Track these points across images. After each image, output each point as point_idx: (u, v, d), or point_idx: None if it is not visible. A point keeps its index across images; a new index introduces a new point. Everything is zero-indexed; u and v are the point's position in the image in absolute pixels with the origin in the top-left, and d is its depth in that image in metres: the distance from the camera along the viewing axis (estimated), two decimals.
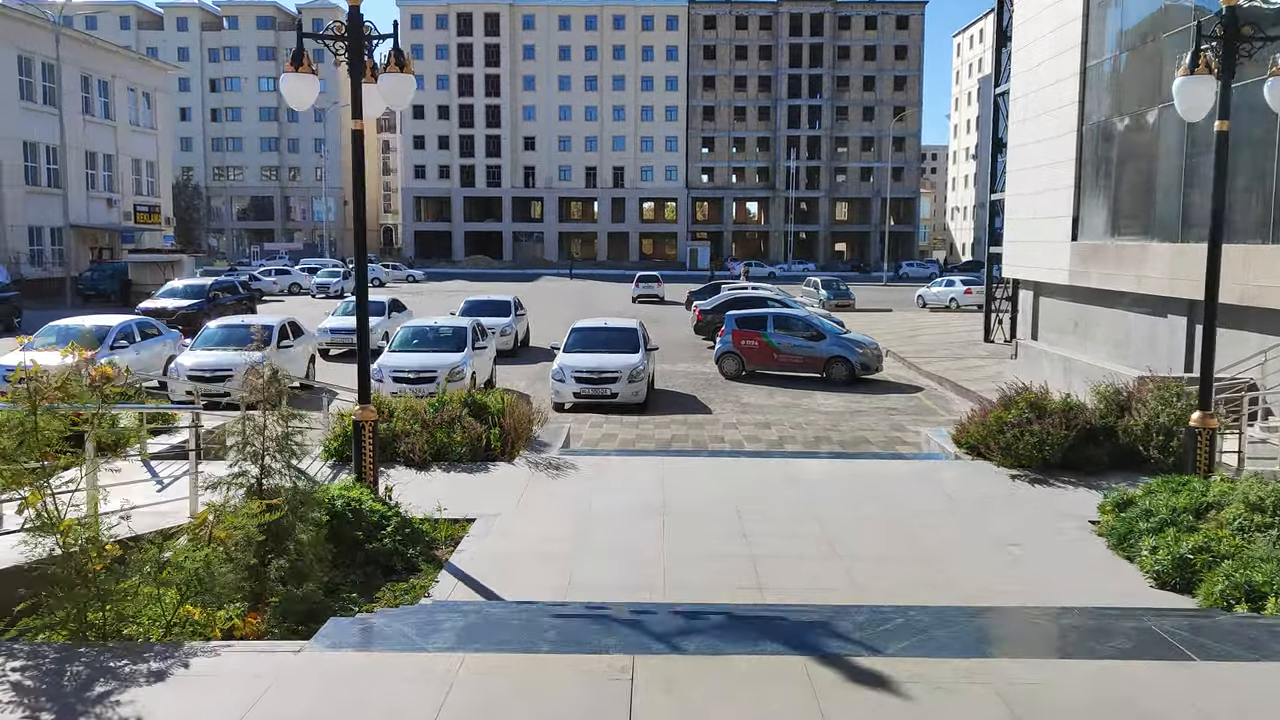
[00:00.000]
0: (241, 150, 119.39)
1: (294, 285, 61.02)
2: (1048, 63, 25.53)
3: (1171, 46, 19.51)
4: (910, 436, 15.87)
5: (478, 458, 10.99)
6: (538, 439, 12.10)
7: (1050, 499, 9.73)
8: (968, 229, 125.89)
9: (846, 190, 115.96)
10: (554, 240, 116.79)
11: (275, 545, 6.66)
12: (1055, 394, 13.18)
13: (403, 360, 19.19)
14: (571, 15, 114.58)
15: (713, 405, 20.31)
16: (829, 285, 50.05)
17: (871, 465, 11.16)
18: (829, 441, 15.46)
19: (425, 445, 10.87)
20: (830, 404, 20.73)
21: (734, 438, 15.71)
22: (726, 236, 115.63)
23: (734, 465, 11.04)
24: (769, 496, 9.70)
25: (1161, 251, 19.65)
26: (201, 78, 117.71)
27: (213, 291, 33.99)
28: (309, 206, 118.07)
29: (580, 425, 16.78)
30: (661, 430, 16.23)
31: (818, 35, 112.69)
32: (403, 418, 11.35)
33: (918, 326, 39.16)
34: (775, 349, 24.14)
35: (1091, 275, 22.81)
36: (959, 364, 26.95)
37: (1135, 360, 21.46)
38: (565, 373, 19.00)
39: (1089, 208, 23.54)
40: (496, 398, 12.18)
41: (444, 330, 20.65)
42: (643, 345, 20.17)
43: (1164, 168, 19.92)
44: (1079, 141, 23.79)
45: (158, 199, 59.66)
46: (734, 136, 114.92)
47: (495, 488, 10.02)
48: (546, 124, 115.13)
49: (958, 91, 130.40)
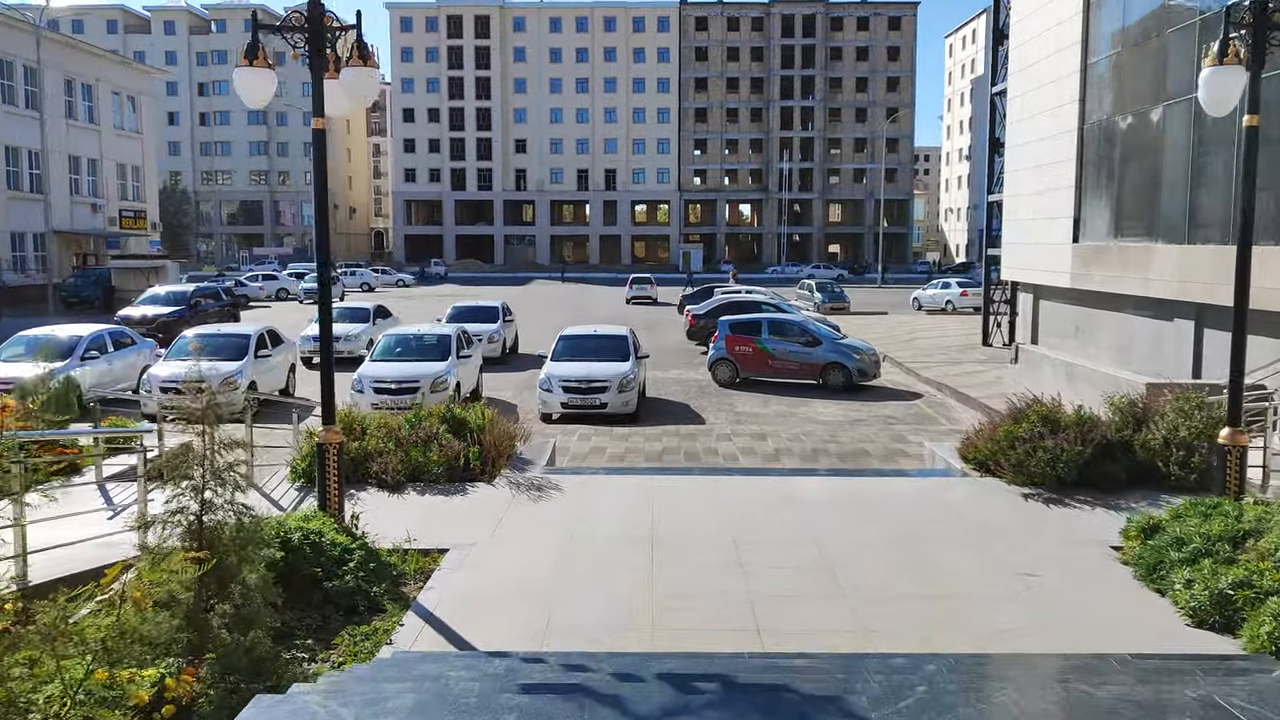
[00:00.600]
0: (230, 154, 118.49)
1: (281, 290, 60.25)
2: (1046, 60, 24.95)
3: (1176, 42, 18.92)
4: (912, 448, 15.22)
5: (456, 478, 10.31)
6: (520, 456, 11.41)
7: (1068, 521, 9.07)
8: (961, 230, 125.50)
9: (840, 192, 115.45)
10: (546, 243, 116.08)
11: (218, 589, 5.99)
12: (1065, 403, 12.52)
13: (384, 370, 18.50)
14: (562, 17, 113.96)
15: (706, 414, 19.65)
16: (824, 288, 49.46)
17: (874, 483, 10.48)
18: (827, 454, 14.82)
19: (399, 465, 10.18)
20: (828, 412, 20.08)
21: (728, 450, 15.06)
22: (720, 239, 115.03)
23: (728, 485, 10.37)
24: (765, 520, 9.03)
25: (1168, 253, 19.05)
26: (189, 81, 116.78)
27: (194, 298, 33.25)
28: (299, 211, 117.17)
29: (568, 437, 16.12)
30: (652, 442, 15.57)
31: (810, 36, 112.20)
32: (376, 435, 10.67)
33: (914, 330, 38.56)
34: (770, 355, 23.49)
35: (1094, 278, 22.22)
36: (958, 369, 26.33)
37: (1140, 365, 20.86)
38: (552, 382, 18.32)
39: (1091, 208, 22.95)
40: (477, 412, 11.49)
41: (428, 338, 19.95)
42: (633, 353, 19.51)
43: (1169, 167, 19.32)
44: (1080, 141, 23.20)
45: (143, 204, 58.82)
46: (726, 138, 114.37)
47: (472, 513, 9.32)
48: (538, 126, 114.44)
49: (950, 92, 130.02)
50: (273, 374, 20.17)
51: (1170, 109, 19.13)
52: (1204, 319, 18.48)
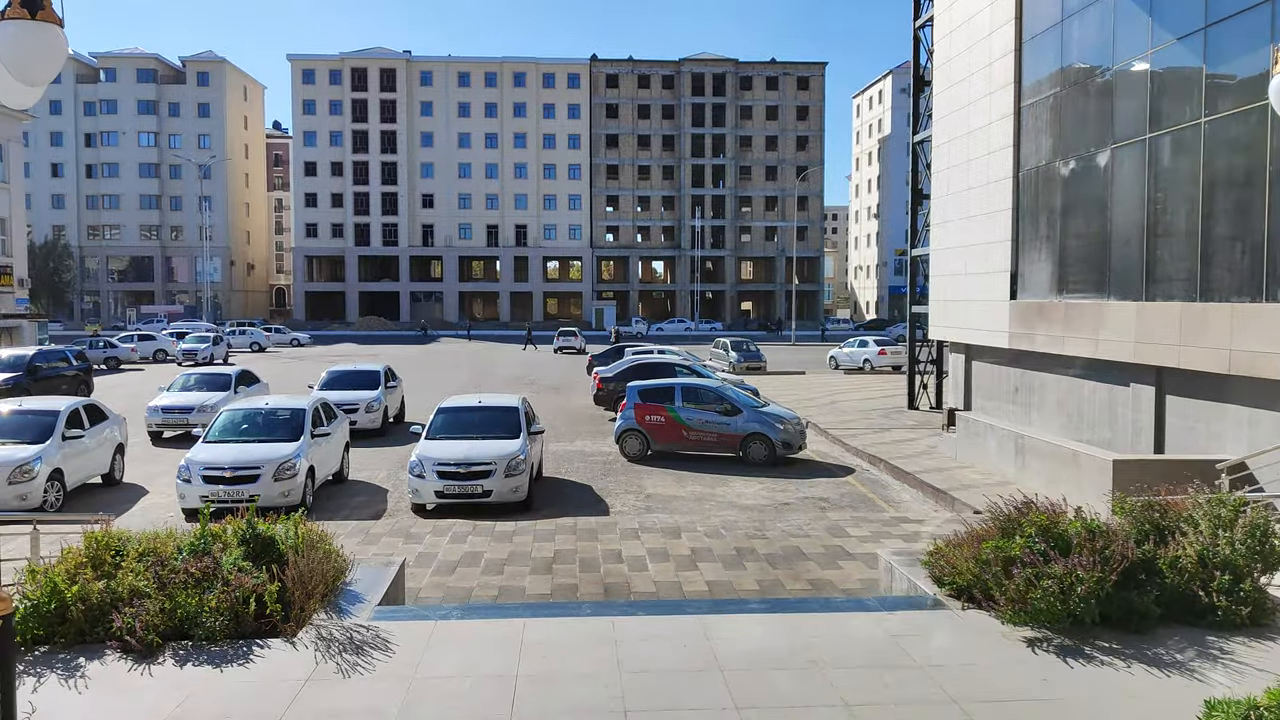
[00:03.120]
0: (119, 208, 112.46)
1: (159, 352, 55.57)
2: (975, 104, 23.23)
3: (1127, 80, 17.18)
4: (854, 545, 12.62)
5: (244, 631, 7.26)
6: (349, 588, 8.40)
7: (1103, 693, 6.39)
8: (871, 287, 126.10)
9: (751, 249, 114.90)
10: (454, 300, 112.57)
11: None
12: (1024, 490, 9.88)
13: (217, 454, 15.17)
14: (470, 71, 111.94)
15: (612, 499, 16.84)
16: (738, 346, 47.31)
17: (825, 624, 7.67)
18: (754, 557, 12.12)
19: (158, 616, 7.13)
20: (751, 493, 17.46)
21: (634, 554, 12.25)
22: (633, 295, 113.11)
23: (628, 632, 7.43)
24: (681, 702, 6.23)
25: (1122, 311, 17.09)
26: (76, 132, 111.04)
27: (34, 364, 29.21)
28: (192, 266, 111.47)
29: (438, 537, 13.12)
30: (543, 544, 12.67)
31: (720, 95, 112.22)
32: (133, 569, 7.58)
33: (834, 391, 36.46)
34: (684, 425, 20.85)
35: (1036, 338, 20.24)
36: (887, 437, 24.06)
37: (1091, 434, 18.82)
38: (425, 466, 15.26)
39: (1030, 262, 21.06)
40: (290, 529, 8.47)
41: (279, 413, 16.69)
42: (524, 428, 16.59)
43: (1121, 216, 17.43)
44: (1015, 188, 21.38)
45: (9, 258, 53.97)
46: (638, 195, 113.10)
47: (243, 704, 6.24)
48: (446, 181, 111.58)
49: (859, 151, 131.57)
50: (87, 458, 16.69)
51: (1121, 152, 17.30)
52: (1166, 384, 16.50)
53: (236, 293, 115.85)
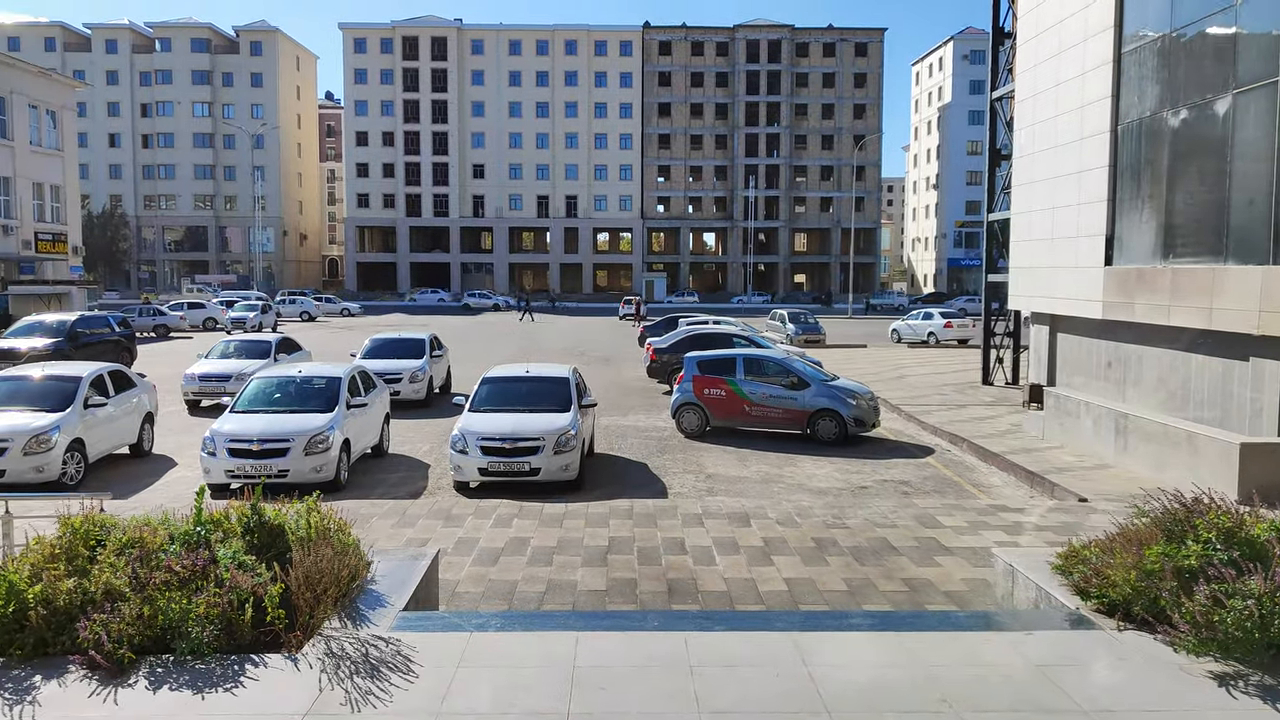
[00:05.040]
0: (174, 178, 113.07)
1: (209, 320, 55.23)
2: (1067, 53, 21.24)
3: (1252, 12, 15.22)
4: (950, 538, 11.09)
5: (237, 643, 5.97)
6: (369, 588, 7.12)
7: None
8: (930, 260, 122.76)
9: (806, 221, 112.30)
10: (504, 271, 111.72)
11: None
12: (1144, 476, 8.30)
13: (245, 425, 13.98)
14: (522, 40, 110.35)
15: (670, 480, 15.44)
16: (796, 319, 45.50)
17: (949, 651, 6.16)
18: (838, 550, 10.65)
19: (133, 624, 5.89)
20: (823, 475, 15.96)
21: (699, 543, 10.85)
22: (683, 268, 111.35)
23: (707, 656, 5.96)
24: None
25: (1243, 277, 15.19)
26: (132, 102, 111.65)
27: (75, 329, 28.53)
28: (246, 237, 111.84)
29: (481, 520, 11.83)
30: (596, 530, 11.32)
31: (775, 62, 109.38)
32: (111, 563, 6.34)
33: (900, 365, 34.65)
34: (747, 400, 19.35)
35: (1136, 307, 18.35)
36: (964, 414, 22.36)
37: (1198, 414, 16.97)
38: (468, 440, 13.97)
39: (1129, 224, 19.13)
40: (303, 515, 7.20)
41: (314, 381, 15.49)
42: (576, 401, 15.22)
43: (1243, 170, 15.49)
44: (1114, 144, 19.42)
45: (64, 226, 53.91)
46: (690, 165, 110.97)
47: None
48: (496, 151, 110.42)
49: (917, 120, 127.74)
50: (111, 427, 15.66)
51: (1244, 98, 15.35)
52: None
53: (289, 263, 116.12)
